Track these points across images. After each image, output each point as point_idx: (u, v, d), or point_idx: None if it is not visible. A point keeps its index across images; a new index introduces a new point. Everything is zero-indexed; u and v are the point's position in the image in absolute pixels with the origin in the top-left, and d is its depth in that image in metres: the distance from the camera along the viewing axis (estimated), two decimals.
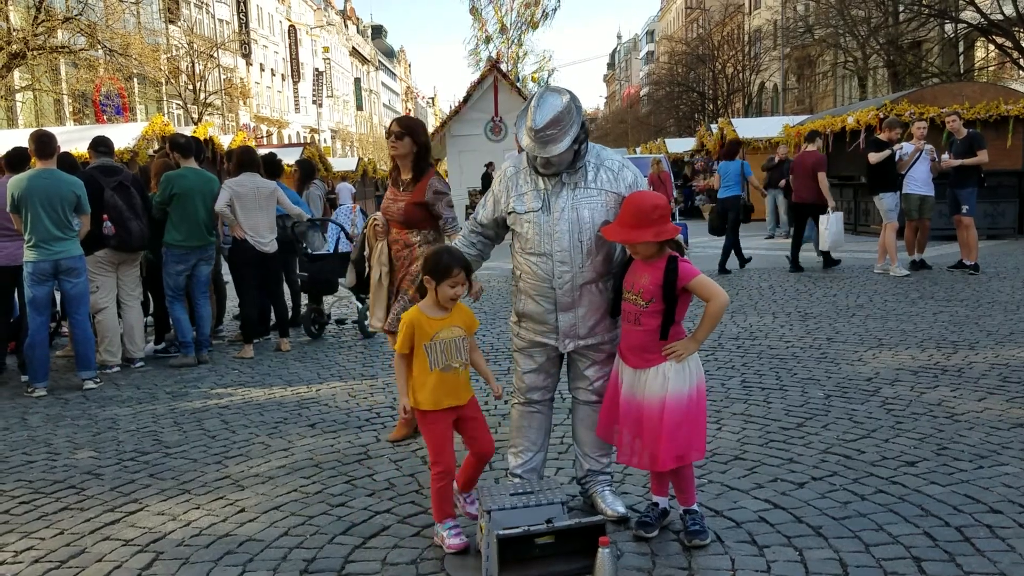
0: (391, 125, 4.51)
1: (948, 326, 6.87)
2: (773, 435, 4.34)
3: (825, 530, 3.17)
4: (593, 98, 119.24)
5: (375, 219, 4.59)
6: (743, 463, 3.95)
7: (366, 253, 4.67)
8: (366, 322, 7.50)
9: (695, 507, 3.17)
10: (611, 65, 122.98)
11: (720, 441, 4.28)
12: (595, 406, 3.33)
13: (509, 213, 3.23)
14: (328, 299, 8.36)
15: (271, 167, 7.75)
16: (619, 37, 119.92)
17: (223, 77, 42.31)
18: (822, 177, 10.50)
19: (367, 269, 4.68)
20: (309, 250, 7.76)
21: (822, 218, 10.55)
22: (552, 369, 3.36)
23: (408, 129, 4.42)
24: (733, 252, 11.39)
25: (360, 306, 7.75)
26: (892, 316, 7.44)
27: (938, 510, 3.30)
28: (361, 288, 5.05)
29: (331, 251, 7.83)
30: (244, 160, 6.98)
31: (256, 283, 7.11)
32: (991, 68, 30.71)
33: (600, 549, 2.64)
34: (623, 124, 68.92)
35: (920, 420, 4.46)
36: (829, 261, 10.90)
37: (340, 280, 7.68)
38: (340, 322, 8.32)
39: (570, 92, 3.10)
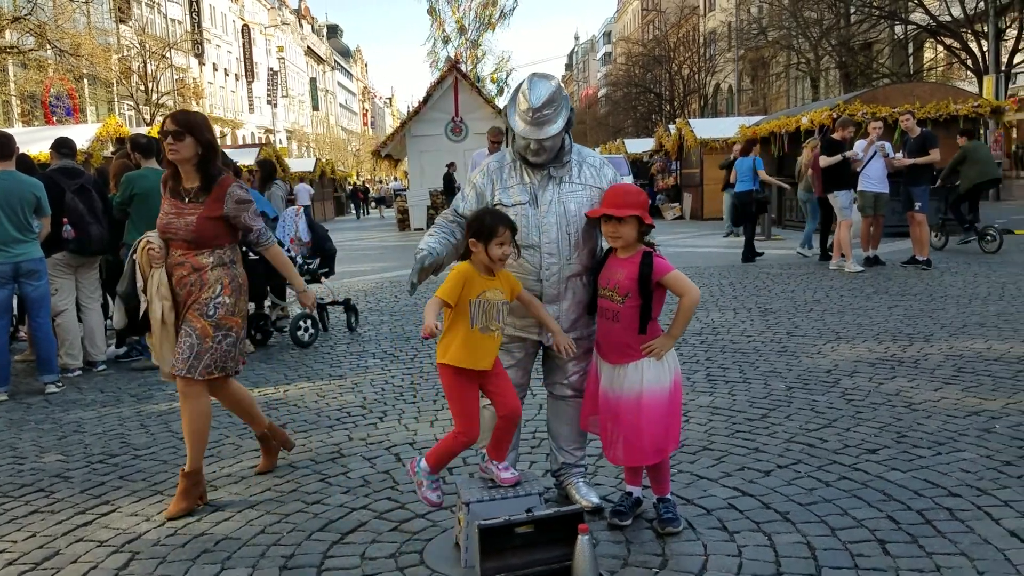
0: (165, 122, 3.68)
1: (903, 319, 7.07)
2: (739, 426, 4.44)
3: (792, 515, 3.27)
4: None
5: (148, 241, 3.75)
6: (711, 453, 4.04)
7: (139, 285, 3.75)
8: (299, 332, 7.21)
9: (669, 496, 3.24)
10: (569, 66, 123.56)
11: (688, 432, 4.37)
12: (570, 401, 3.38)
13: (496, 206, 3.26)
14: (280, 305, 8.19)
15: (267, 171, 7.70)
16: (576, 38, 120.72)
17: (176, 77, 41.66)
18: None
19: (141, 304, 3.76)
20: (251, 254, 7.39)
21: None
22: (528, 365, 3.39)
23: (188, 126, 3.63)
24: (744, 245, 11.96)
25: (290, 314, 7.44)
26: (849, 310, 7.63)
27: (900, 495, 3.42)
28: (133, 329, 4.25)
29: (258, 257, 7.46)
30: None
31: None
32: (940, 68, 31.51)
33: (579, 537, 2.70)
34: (582, 124, 69.17)
35: (879, 409, 4.60)
36: (826, 256, 11.25)
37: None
38: (281, 330, 7.91)
39: (556, 77, 3.17)
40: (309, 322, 7.29)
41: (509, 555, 2.82)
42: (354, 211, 41.01)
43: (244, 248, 7.33)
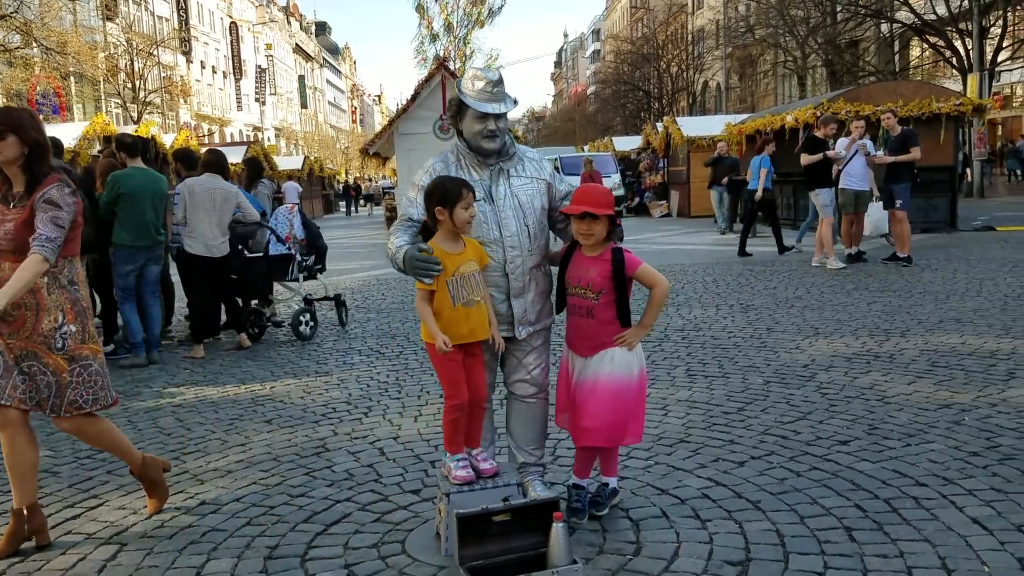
0: None
1: (881, 315, 7.20)
2: (716, 419, 4.54)
3: (763, 504, 3.37)
4: (541, 96, 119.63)
5: None
6: (688, 445, 4.14)
7: None
8: (300, 327, 7.42)
9: (611, 481, 3.39)
10: (558, 64, 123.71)
11: (666, 426, 4.47)
12: (531, 400, 3.40)
13: None
14: (278, 301, 8.34)
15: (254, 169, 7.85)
16: (565, 36, 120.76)
17: (163, 75, 41.52)
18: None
19: None
20: (246, 252, 7.60)
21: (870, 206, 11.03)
22: (494, 365, 3.40)
23: (11, 125, 3.27)
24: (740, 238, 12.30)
25: (297, 307, 7.67)
26: (828, 306, 7.76)
27: (868, 484, 3.53)
28: None
29: (260, 254, 7.65)
30: (209, 161, 7.17)
31: (207, 283, 7.15)
32: (925, 67, 31.77)
33: (554, 524, 2.79)
34: (571, 122, 69.48)
35: (853, 403, 4.71)
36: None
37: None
38: (278, 324, 8.09)
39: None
40: (308, 316, 7.48)
41: (487, 543, 2.91)
42: (344, 208, 41.11)
43: (241, 247, 7.53)
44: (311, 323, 7.53)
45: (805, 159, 10.41)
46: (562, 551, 2.79)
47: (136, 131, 15.39)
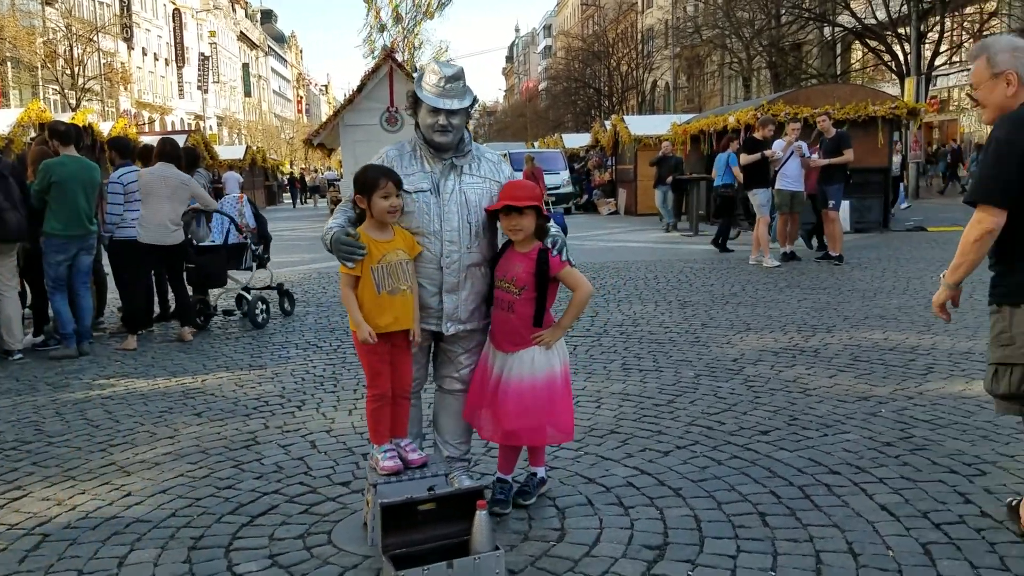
0: None
1: (810, 311, 7.41)
2: (646, 411, 4.65)
3: (684, 491, 3.48)
4: (492, 91, 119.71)
5: None
6: (617, 436, 4.23)
7: None
8: (256, 315, 7.60)
9: (539, 471, 3.48)
10: (510, 58, 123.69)
11: (599, 418, 4.56)
12: (458, 395, 3.42)
13: None
14: (215, 291, 8.28)
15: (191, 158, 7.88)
16: (517, 30, 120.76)
17: (103, 61, 40.48)
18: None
19: None
20: (194, 241, 7.69)
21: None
22: (423, 359, 3.42)
23: None
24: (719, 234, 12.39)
25: (248, 296, 7.78)
26: (761, 303, 7.95)
27: (784, 472, 3.66)
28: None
29: (219, 243, 7.84)
30: (164, 151, 7.17)
31: (148, 274, 7.20)
32: (866, 70, 32.58)
33: (477, 512, 2.84)
34: (522, 118, 69.54)
35: (776, 395, 4.86)
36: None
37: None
38: (228, 313, 8.25)
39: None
40: (263, 305, 7.67)
41: (412, 531, 2.95)
42: (291, 200, 40.74)
43: (192, 239, 7.52)
44: (265, 312, 7.70)
45: (744, 159, 10.67)
46: (485, 538, 2.84)
47: (73, 118, 15.01)
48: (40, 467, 4.05)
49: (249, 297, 7.77)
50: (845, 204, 11.97)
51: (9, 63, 33.43)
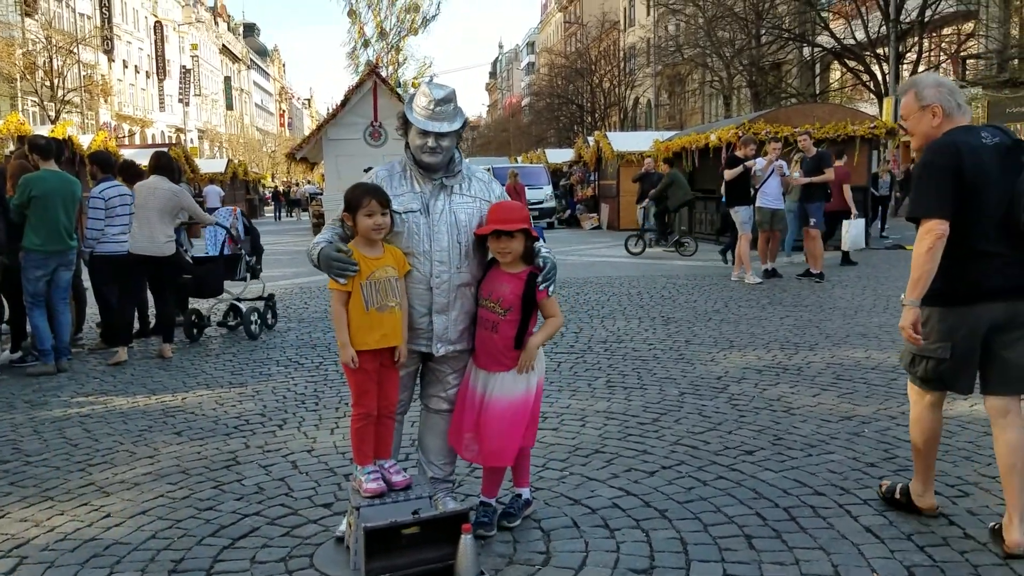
0: None
1: (792, 329, 7.45)
2: (631, 430, 4.64)
3: (670, 513, 3.47)
4: (476, 106, 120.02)
5: None
6: (602, 455, 4.22)
7: None
8: (252, 326, 7.78)
9: (523, 492, 3.46)
10: (493, 74, 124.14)
11: (583, 437, 4.54)
12: (445, 415, 3.40)
13: None
14: (210, 301, 8.35)
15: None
16: (501, 47, 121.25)
17: (83, 73, 40.21)
18: (846, 188, 11.96)
19: None
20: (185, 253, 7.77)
21: (845, 223, 12.05)
22: (410, 382, 3.39)
23: None
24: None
25: (244, 308, 7.89)
26: (744, 320, 7.99)
27: (770, 493, 3.66)
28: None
29: (215, 254, 8.00)
30: (160, 163, 7.25)
31: (141, 286, 7.34)
32: (845, 90, 32.96)
33: (462, 536, 2.82)
34: (505, 133, 69.73)
35: (761, 414, 4.87)
36: (847, 261, 12.19)
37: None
38: (222, 325, 8.26)
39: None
40: (256, 316, 7.87)
41: (396, 555, 2.92)
42: (273, 213, 40.75)
43: (186, 249, 7.61)
44: (259, 322, 7.92)
45: (728, 173, 10.73)
46: (469, 563, 2.82)
47: (52, 131, 14.90)
48: (17, 487, 3.98)
49: (244, 308, 7.88)
50: (860, 223, 12.52)
51: None
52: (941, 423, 3.38)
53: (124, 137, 46.03)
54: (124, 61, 53.83)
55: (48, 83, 36.58)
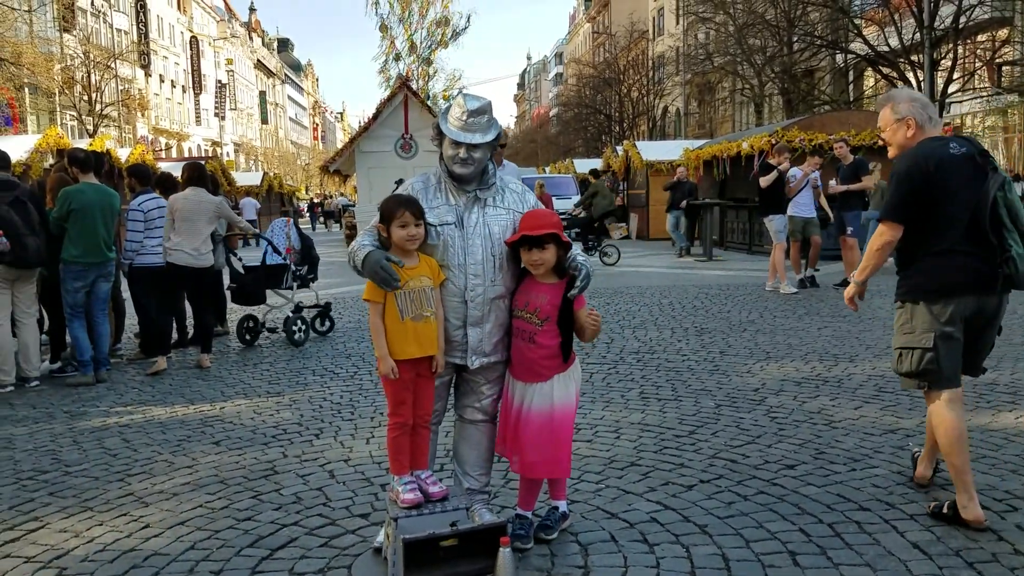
0: None
1: (831, 340, 7.33)
2: (667, 442, 4.58)
3: (710, 528, 3.41)
4: (504, 117, 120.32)
5: None
6: (638, 468, 4.17)
7: None
8: (294, 334, 7.93)
9: (560, 505, 3.42)
10: (521, 85, 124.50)
11: (618, 449, 4.49)
12: (479, 425, 3.39)
13: None
14: (262, 308, 8.60)
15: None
16: (529, 58, 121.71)
17: (120, 88, 40.92)
18: None
19: None
20: (217, 266, 7.88)
21: None
22: (444, 393, 3.39)
23: None
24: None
25: (290, 315, 8.06)
26: (780, 331, 7.88)
27: (813, 508, 3.59)
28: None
29: (260, 264, 8.26)
30: (193, 175, 7.26)
31: (176, 297, 7.46)
32: (879, 96, 32.60)
33: (501, 549, 2.79)
34: (533, 143, 69.86)
35: (801, 427, 4.79)
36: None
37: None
38: (272, 331, 8.43)
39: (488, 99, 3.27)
40: (300, 323, 7.99)
41: (434, 568, 2.90)
42: (311, 224, 41.53)
43: (236, 254, 7.77)
44: (303, 328, 8.00)
45: (764, 180, 10.61)
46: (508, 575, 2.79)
47: (91, 145, 15.15)
48: (57, 497, 4.02)
49: (289, 315, 8.06)
50: None
51: (27, 89, 33.81)
52: (962, 422, 3.47)
53: (161, 150, 46.76)
54: (161, 75, 54.76)
55: (86, 97, 37.26)
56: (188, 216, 7.03)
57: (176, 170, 8.60)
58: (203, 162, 23.51)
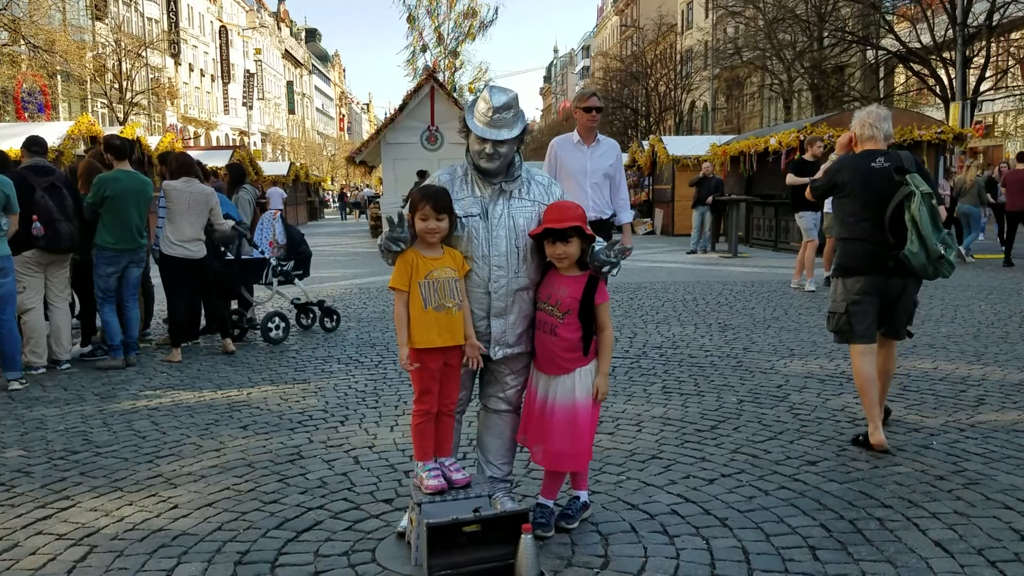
0: None
1: None
2: (688, 436, 4.60)
3: (731, 521, 3.42)
4: (530, 110, 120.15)
5: None
6: (660, 461, 4.19)
7: None
8: (270, 331, 7.62)
9: (581, 495, 3.45)
10: (547, 78, 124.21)
11: (640, 442, 4.51)
12: (503, 415, 3.44)
13: None
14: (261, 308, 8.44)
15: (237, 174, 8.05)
16: (555, 51, 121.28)
17: (151, 76, 41.36)
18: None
19: None
20: (228, 255, 7.79)
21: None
22: (468, 382, 3.42)
23: None
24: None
25: (268, 311, 7.91)
26: (805, 328, 7.85)
27: (834, 504, 3.59)
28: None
29: (259, 256, 8.03)
30: (184, 164, 7.14)
31: (185, 286, 7.21)
32: (910, 94, 32.19)
33: (523, 536, 2.83)
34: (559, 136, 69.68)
35: (824, 424, 4.78)
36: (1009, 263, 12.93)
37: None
38: (253, 327, 8.23)
39: (515, 92, 3.29)
40: (278, 319, 7.68)
41: (456, 553, 2.94)
42: (340, 214, 42.39)
43: (222, 247, 7.61)
44: (280, 325, 7.68)
45: (791, 179, 10.51)
46: (530, 563, 2.83)
47: (121, 132, 15.32)
48: (88, 477, 4.11)
49: (269, 312, 7.87)
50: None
51: (59, 76, 34.26)
52: (871, 369, 4.40)
53: (190, 139, 47.22)
54: (190, 65, 55.24)
55: (117, 85, 37.72)
56: (177, 207, 6.92)
57: (205, 158, 8.67)
58: (231, 152, 23.76)
